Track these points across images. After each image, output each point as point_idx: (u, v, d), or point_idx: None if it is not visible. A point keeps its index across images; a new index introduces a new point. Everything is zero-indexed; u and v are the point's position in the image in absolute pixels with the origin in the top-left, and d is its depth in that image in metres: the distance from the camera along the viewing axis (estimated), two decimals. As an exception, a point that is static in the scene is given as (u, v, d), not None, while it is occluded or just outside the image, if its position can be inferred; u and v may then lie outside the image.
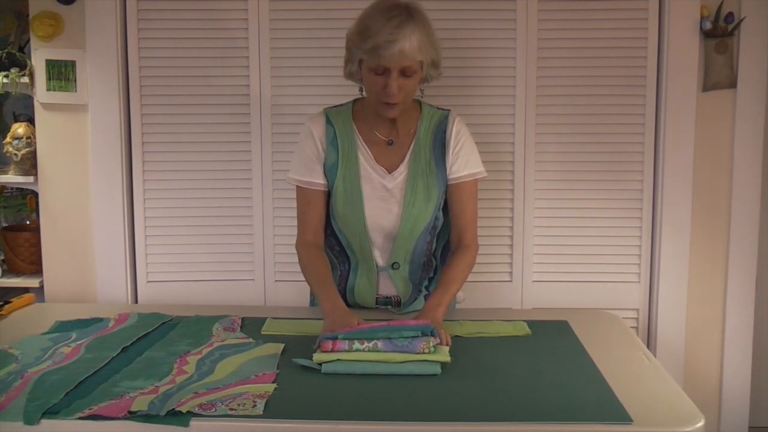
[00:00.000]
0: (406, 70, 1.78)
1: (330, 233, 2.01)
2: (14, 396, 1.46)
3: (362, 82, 1.89)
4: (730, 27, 2.50)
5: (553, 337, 1.85)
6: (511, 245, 2.62)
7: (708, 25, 2.49)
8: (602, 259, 2.62)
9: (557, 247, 2.62)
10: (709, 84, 2.54)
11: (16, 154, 2.55)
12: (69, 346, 1.76)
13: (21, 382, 1.53)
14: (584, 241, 2.61)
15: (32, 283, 2.60)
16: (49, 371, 1.59)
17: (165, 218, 2.60)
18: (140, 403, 1.41)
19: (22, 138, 2.56)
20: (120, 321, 1.96)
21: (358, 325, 1.65)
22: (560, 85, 2.55)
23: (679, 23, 2.50)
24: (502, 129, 2.57)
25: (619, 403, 1.43)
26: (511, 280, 2.62)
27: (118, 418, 1.37)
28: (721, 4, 2.49)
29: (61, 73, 2.52)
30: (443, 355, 1.60)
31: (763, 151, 2.58)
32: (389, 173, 1.93)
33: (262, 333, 1.87)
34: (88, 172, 2.57)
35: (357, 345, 1.59)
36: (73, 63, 2.52)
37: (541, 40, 2.53)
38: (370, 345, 1.59)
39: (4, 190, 2.81)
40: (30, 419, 1.37)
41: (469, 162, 1.95)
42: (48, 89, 2.53)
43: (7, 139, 2.57)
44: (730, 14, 2.50)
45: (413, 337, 1.60)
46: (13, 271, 2.67)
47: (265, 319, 1.96)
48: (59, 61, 2.52)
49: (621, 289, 2.63)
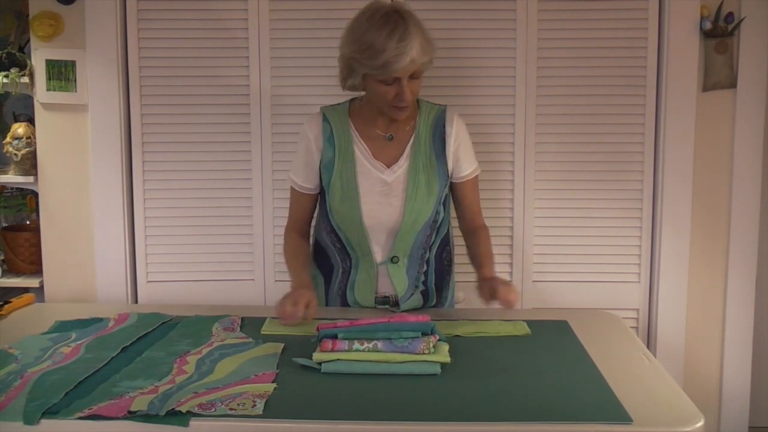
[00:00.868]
0: (415, 74, 1.86)
1: (330, 230, 2.03)
2: (14, 396, 1.46)
3: (366, 91, 1.93)
4: (730, 27, 2.50)
5: (552, 337, 1.85)
6: (511, 245, 2.62)
7: (708, 25, 2.49)
8: (602, 259, 2.62)
9: (557, 247, 2.62)
10: (709, 84, 2.54)
11: (16, 154, 2.55)
12: (69, 346, 1.76)
13: (21, 382, 1.53)
14: (584, 241, 2.61)
15: (32, 283, 2.60)
16: (49, 371, 1.59)
17: (165, 218, 2.60)
18: (140, 403, 1.41)
19: (22, 138, 2.56)
20: (120, 321, 1.96)
21: (360, 320, 1.65)
22: (560, 85, 2.56)
23: (679, 23, 2.50)
24: (502, 129, 2.57)
25: (618, 403, 1.43)
26: (511, 280, 2.62)
27: (118, 418, 1.37)
28: (721, 4, 2.49)
29: (61, 73, 2.52)
30: (443, 356, 1.60)
31: (763, 151, 2.58)
32: (388, 167, 1.97)
33: (262, 333, 1.87)
34: (88, 172, 2.57)
35: (357, 345, 1.59)
36: (73, 63, 2.52)
37: (541, 40, 2.53)
38: (370, 345, 1.59)
39: (4, 190, 2.81)
40: (30, 419, 1.37)
41: (471, 159, 2.05)
42: (48, 89, 2.53)
43: (7, 139, 2.57)
44: (730, 14, 2.50)
45: (413, 337, 1.60)
46: (13, 271, 2.67)
47: (265, 319, 1.96)
48: (59, 61, 2.52)
49: (621, 289, 2.63)
